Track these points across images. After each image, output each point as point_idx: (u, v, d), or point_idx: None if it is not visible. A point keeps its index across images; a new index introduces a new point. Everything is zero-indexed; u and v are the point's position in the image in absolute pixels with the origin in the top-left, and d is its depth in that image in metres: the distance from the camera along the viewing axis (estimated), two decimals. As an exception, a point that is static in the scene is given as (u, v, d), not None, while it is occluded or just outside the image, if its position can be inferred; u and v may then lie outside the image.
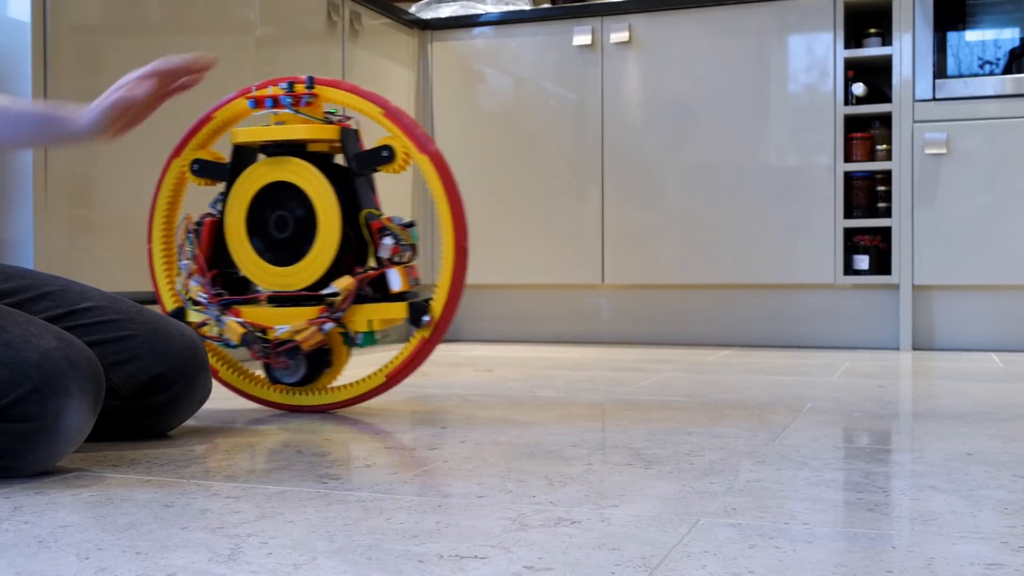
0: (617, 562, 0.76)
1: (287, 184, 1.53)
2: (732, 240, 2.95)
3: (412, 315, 1.51)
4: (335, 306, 1.50)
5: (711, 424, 1.46)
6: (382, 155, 1.53)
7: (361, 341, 1.53)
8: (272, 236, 1.54)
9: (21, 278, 1.32)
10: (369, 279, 1.51)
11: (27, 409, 1.05)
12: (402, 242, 1.51)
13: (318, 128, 1.53)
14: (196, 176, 1.61)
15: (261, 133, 1.55)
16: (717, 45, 2.96)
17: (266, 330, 1.51)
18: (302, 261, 1.52)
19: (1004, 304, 2.80)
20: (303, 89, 1.54)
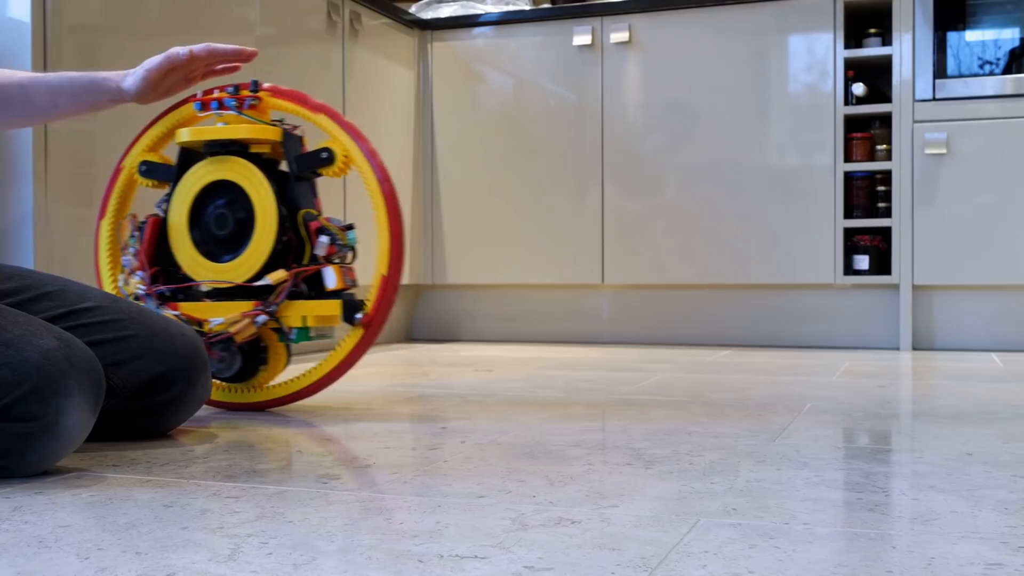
0: (617, 562, 0.76)
1: (228, 183, 1.57)
2: (732, 240, 2.95)
3: (346, 313, 1.54)
4: (269, 300, 1.53)
5: (711, 424, 1.46)
6: (321, 157, 1.56)
7: (295, 337, 1.55)
8: (212, 233, 1.58)
9: (21, 278, 1.32)
10: (305, 275, 1.54)
11: (27, 409, 1.05)
12: (339, 242, 1.55)
13: (259, 129, 1.56)
14: (144, 177, 1.64)
15: (204, 133, 1.58)
16: (717, 45, 2.96)
17: (202, 323, 1.54)
18: (239, 257, 1.55)
19: (1004, 304, 2.80)
20: (248, 93, 1.57)
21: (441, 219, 3.23)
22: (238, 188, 1.56)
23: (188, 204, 1.58)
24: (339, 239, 1.55)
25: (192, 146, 1.61)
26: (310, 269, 1.54)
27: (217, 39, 2.31)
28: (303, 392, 1.60)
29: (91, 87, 1.49)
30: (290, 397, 1.61)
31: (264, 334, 1.57)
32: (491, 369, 2.30)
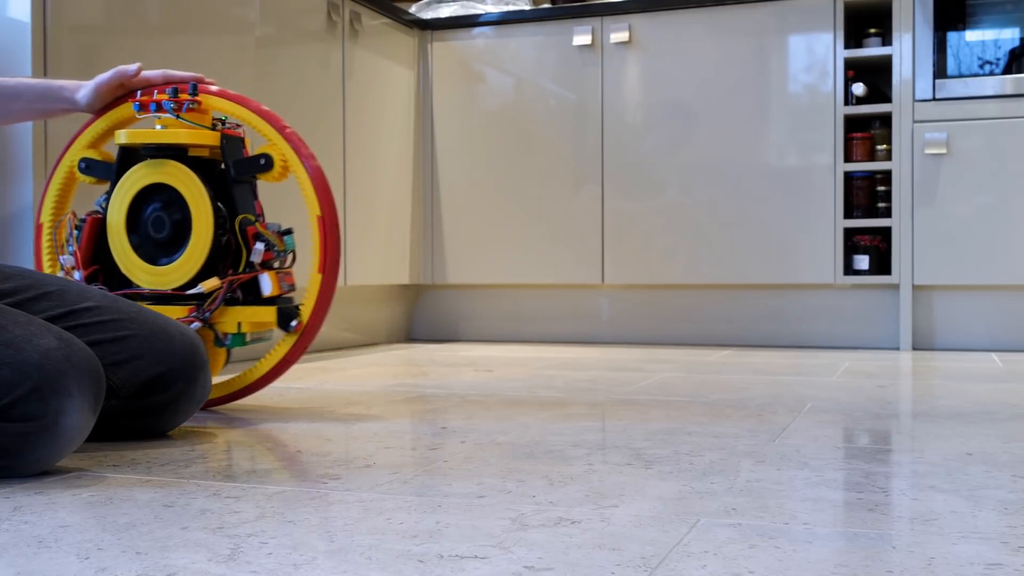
0: (617, 562, 0.76)
1: (165, 186, 1.57)
2: (732, 240, 2.95)
3: (280, 319, 1.55)
4: (203, 307, 1.53)
5: (711, 424, 1.46)
6: (260, 163, 1.57)
7: (230, 342, 1.56)
8: (149, 235, 1.58)
9: (21, 278, 1.32)
10: (241, 282, 1.54)
11: (28, 409, 1.05)
12: (275, 248, 1.55)
13: (197, 133, 1.56)
14: (83, 174, 1.64)
15: (142, 135, 1.58)
16: (717, 45, 2.96)
17: None
18: (175, 261, 1.56)
19: (1004, 304, 2.80)
20: (186, 96, 1.57)
21: (441, 219, 3.23)
22: (175, 191, 1.56)
23: (126, 205, 1.58)
24: (275, 246, 1.55)
25: (132, 147, 1.61)
26: (245, 277, 1.55)
27: (217, 39, 2.31)
28: (238, 393, 1.62)
29: (46, 94, 1.54)
30: (225, 398, 1.63)
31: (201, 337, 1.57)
32: (491, 369, 2.30)
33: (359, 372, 2.24)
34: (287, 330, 1.55)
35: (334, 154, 2.73)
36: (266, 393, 1.85)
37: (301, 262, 1.63)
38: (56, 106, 1.56)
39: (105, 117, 1.63)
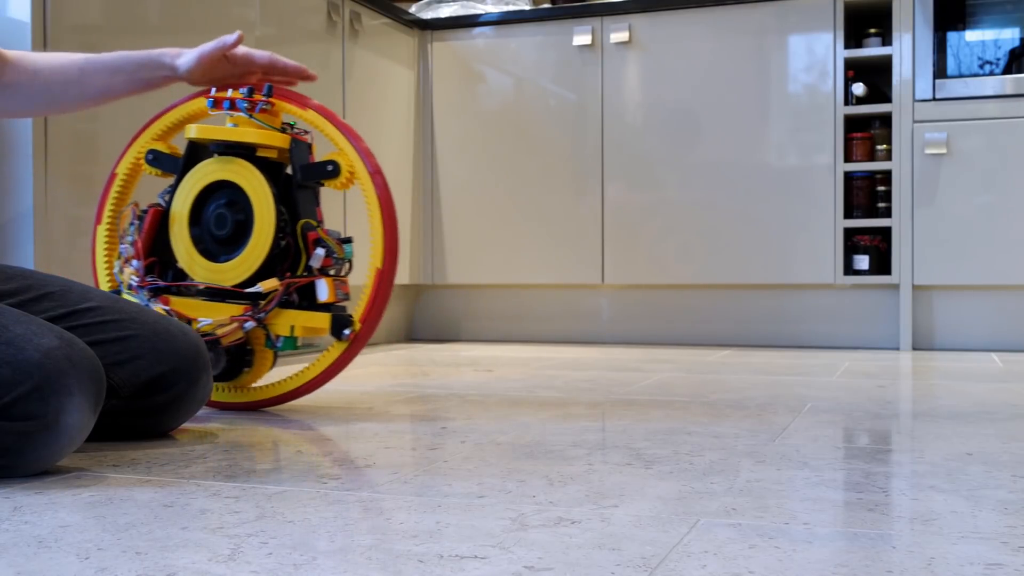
0: (617, 562, 0.76)
1: (231, 183, 1.57)
2: (732, 240, 2.95)
3: (334, 327, 1.54)
4: (260, 307, 1.53)
5: (711, 424, 1.46)
6: (327, 169, 1.56)
7: (281, 345, 1.56)
8: (211, 231, 1.58)
9: (22, 279, 1.32)
10: (297, 286, 1.54)
11: (28, 408, 1.05)
12: (335, 255, 1.55)
13: (268, 134, 1.56)
14: (150, 166, 1.64)
15: (213, 131, 1.58)
16: (717, 45, 2.96)
17: (190, 321, 1.54)
18: (234, 259, 1.55)
19: (1004, 304, 2.80)
20: (261, 97, 1.57)
21: (441, 219, 3.23)
22: (241, 190, 1.56)
23: (191, 199, 1.58)
24: (335, 252, 1.55)
25: (201, 142, 1.60)
26: (303, 280, 1.54)
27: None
28: (286, 396, 1.61)
29: (146, 64, 1.51)
30: (272, 400, 1.62)
31: (251, 337, 1.57)
32: (491, 369, 2.30)
33: (359, 372, 2.24)
34: (340, 338, 1.54)
35: (334, 154, 2.73)
36: (266, 393, 1.85)
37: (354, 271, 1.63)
38: (157, 74, 1.52)
39: (176, 111, 1.63)
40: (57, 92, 1.48)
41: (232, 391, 1.62)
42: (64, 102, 1.51)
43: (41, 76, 1.46)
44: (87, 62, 1.48)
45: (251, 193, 1.55)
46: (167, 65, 1.52)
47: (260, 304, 1.53)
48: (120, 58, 1.50)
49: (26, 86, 1.45)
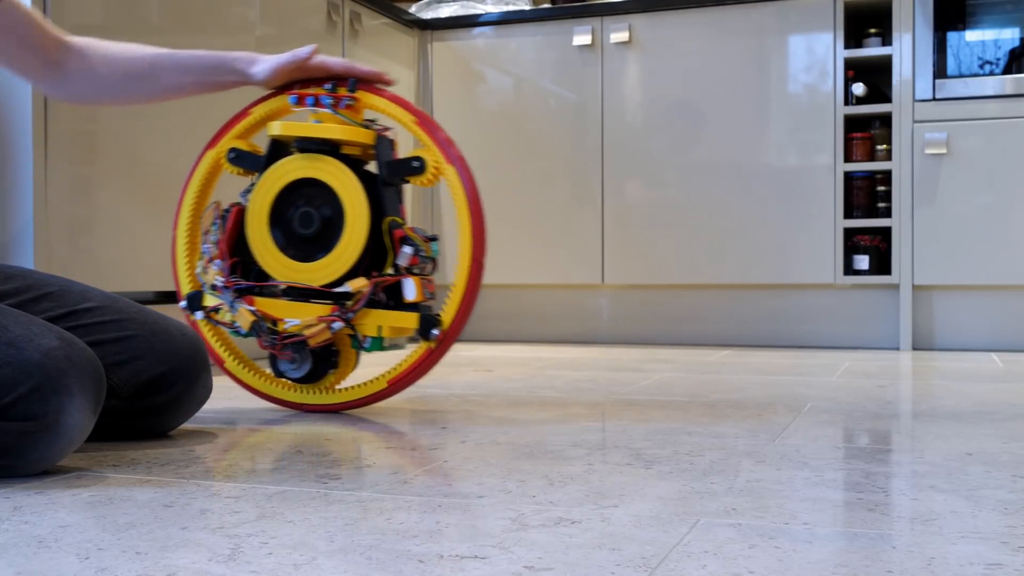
0: (617, 562, 0.76)
1: (316, 181, 1.53)
2: (732, 240, 2.95)
3: (422, 327, 1.50)
4: (347, 307, 1.49)
5: (711, 424, 1.46)
6: (412, 165, 1.53)
7: (368, 345, 1.52)
8: (295, 231, 1.54)
9: (22, 279, 1.32)
10: (385, 285, 1.51)
11: (28, 408, 1.05)
12: (422, 253, 1.51)
13: (354, 131, 1.53)
14: (232, 164, 1.61)
15: (297, 128, 1.55)
16: (717, 45, 2.96)
17: (276, 321, 1.51)
18: (323, 259, 1.52)
19: (1004, 304, 2.80)
20: (345, 92, 1.54)
21: (441, 219, 3.23)
22: (326, 187, 1.53)
23: (272, 198, 1.55)
24: (423, 250, 1.51)
25: (283, 139, 1.57)
26: (391, 279, 1.50)
27: (217, 39, 2.31)
28: (370, 398, 1.58)
29: (220, 66, 1.51)
30: (360, 401, 1.58)
31: (337, 338, 1.53)
32: (491, 369, 2.30)
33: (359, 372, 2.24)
34: (428, 338, 1.51)
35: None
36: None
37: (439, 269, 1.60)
38: (228, 78, 1.52)
39: (258, 109, 1.60)
40: (123, 85, 1.47)
41: (317, 392, 1.59)
42: (131, 95, 1.51)
43: (108, 67, 1.45)
44: (158, 58, 1.47)
45: (340, 191, 1.52)
46: (240, 72, 1.51)
47: (348, 304, 1.49)
48: (192, 57, 1.49)
49: (91, 76, 1.44)
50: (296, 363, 1.56)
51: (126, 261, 2.06)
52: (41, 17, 1.40)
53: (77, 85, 1.45)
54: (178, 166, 2.21)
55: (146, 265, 2.12)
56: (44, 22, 1.40)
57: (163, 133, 2.16)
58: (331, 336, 1.50)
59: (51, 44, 1.41)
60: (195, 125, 2.25)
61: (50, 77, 1.43)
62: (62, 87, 1.45)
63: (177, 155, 2.21)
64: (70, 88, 1.46)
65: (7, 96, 1.85)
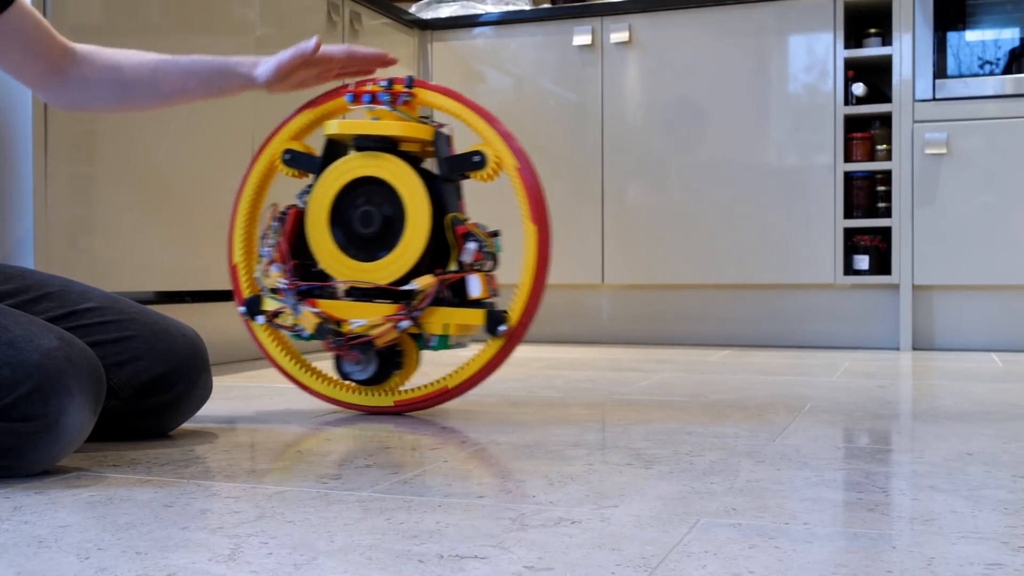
0: (617, 562, 0.76)
1: (376, 179, 1.51)
2: (732, 240, 2.95)
3: (489, 323, 1.48)
4: (413, 305, 1.47)
5: (711, 424, 1.46)
6: (473, 160, 1.51)
7: (435, 344, 1.50)
8: (355, 230, 1.52)
9: (22, 279, 1.32)
10: (450, 282, 1.49)
11: (28, 408, 1.05)
12: (485, 249, 1.49)
13: (413, 127, 1.51)
14: (287, 166, 1.59)
15: (355, 126, 1.53)
16: (717, 45, 2.96)
17: (341, 322, 1.49)
18: (385, 258, 1.50)
19: (1004, 304, 2.80)
20: (401, 88, 1.52)
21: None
22: (385, 185, 1.50)
23: (331, 198, 1.52)
24: (486, 246, 1.49)
25: (340, 139, 1.55)
26: (455, 276, 1.48)
27: (217, 39, 2.31)
28: (441, 396, 1.55)
29: (223, 72, 1.49)
30: (427, 401, 1.55)
31: (401, 338, 1.51)
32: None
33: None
34: (495, 335, 1.48)
35: (334, 154, 2.73)
36: (265, 393, 1.85)
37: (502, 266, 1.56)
38: (233, 83, 1.50)
39: (313, 109, 1.58)
40: (127, 90, 1.46)
41: (381, 394, 1.56)
42: (135, 101, 1.49)
43: (111, 73, 1.44)
44: (161, 63, 1.46)
45: (401, 188, 1.49)
46: (243, 75, 1.49)
47: (413, 302, 1.47)
48: (195, 63, 1.47)
49: (95, 82, 1.43)
50: (361, 365, 1.53)
51: (126, 261, 2.06)
52: (48, 24, 1.39)
53: (78, 93, 1.44)
54: (178, 166, 2.22)
55: (146, 265, 2.12)
56: (51, 29, 1.39)
57: (163, 133, 2.16)
58: (397, 336, 1.48)
59: (56, 51, 1.40)
60: (195, 125, 2.25)
61: (52, 84, 1.42)
62: (63, 94, 1.44)
63: (177, 155, 2.21)
64: (71, 96, 1.44)
65: (8, 97, 1.85)
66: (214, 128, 2.30)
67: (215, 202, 2.32)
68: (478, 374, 1.52)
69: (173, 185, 2.20)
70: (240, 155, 2.39)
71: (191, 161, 2.25)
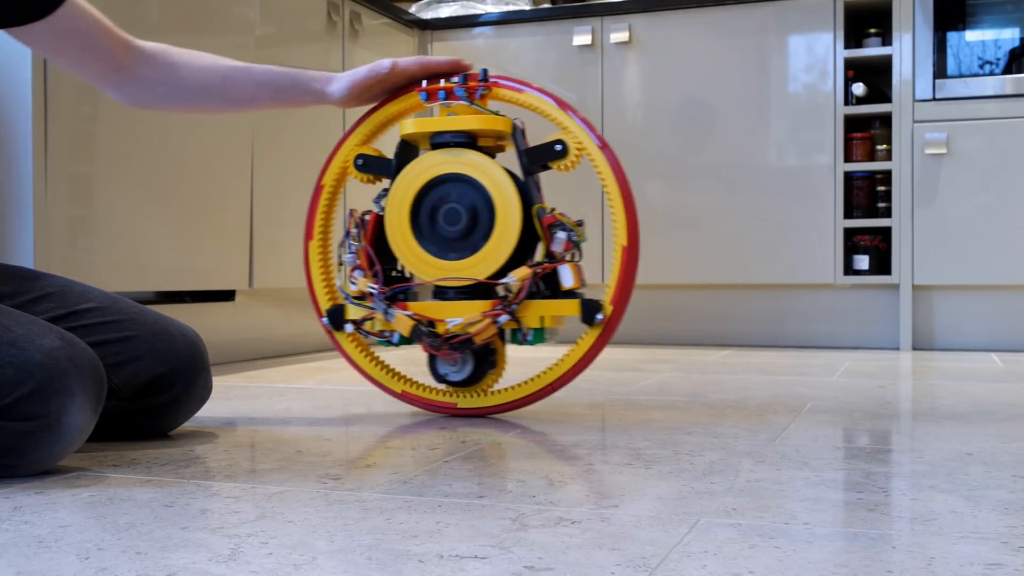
0: (617, 562, 0.76)
1: (454, 177, 1.48)
2: (732, 240, 2.95)
3: (585, 313, 1.46)
4: (510, 299, 1.44)
5: (711, 424, 1.46)
6: (555, 149, 1.48)
7: (531, 338, 1.46)
8: (440, 229, 1.49)
9: (22, 279, 1.32)
10: (543, 273, 1.46)
11: (30, 408, 1.05)
12: (574, 238, 1.47)
13: (492, 119, 1.48)
14: (360, 171, 1.54)
15: (433, 124, 1.49)
16: (717, 45, 2.96)
17: (435, 323, 1.45)
18: (477, 254, 1.47)
19: (1004, 304, 2.80)
20: (477, 83, 1.49)
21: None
22: (466, 181, 1.48)
23: (411, 199, 1.49)
24: (575, 235, 1.47)
25: (415, 139, 1.53)
26: (548, 267, 1.46)
27: (217, 39, 2.31)
28: (541, 392, 1.51)
29: (295, 86, 1.48)
30: (528, 399, 1.52)
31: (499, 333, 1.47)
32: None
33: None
34: (592, 324, 1.46)
35: (334, 154, 2.72)
36: (265, 393, 1.85)
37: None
38: (305, 98, 1.49)
39: (381, 111, 1.54)
40: (194, 95, 1.45)
41: (479, 395, 1.53)
42: (201, 105, 1.48)
43: (179, 76, 1.43)
44: (232, 71, 1.45)
45: (486, 182, 1.47)
46: (316, 91, 1.48)
47: (511, 297, 1.44)
48: (268, 73, 1.46)
49: (161, 83, 1.43)
50: (458, 365, 1.50)
51: (126, 261, 2.06)
52: (106, 20, 1.39)
53: (145, 92, 1.43)
54: (178, 166, 2.22)
55: (146, 265, 2.12)
56: (110, 25, 1.39)
57: (163, 133, 2.16)
58: (495, 332, 1.45)
59: (118, 48, 1.39)
60: (196, 124, 2.25)
61: (116, 82, 1.41)
62: (127, 93, 1.42)
63: (177, 155, 2.21)
64: (137, 95, 1.43)
65: (7, 96, 1.85)
66: (215, 128, 2.30)
67: (215, 202, 2.32)
68: (578, 365, 1.49)
69: (173, 185, 2.20)
70: (241, 155, 2.39)
71: (191, 161, 2.25)
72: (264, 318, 2.62)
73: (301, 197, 1.57)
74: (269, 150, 2.48)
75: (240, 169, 2.40)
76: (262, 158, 2.45)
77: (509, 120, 1.51)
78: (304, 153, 2.59)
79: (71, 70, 1.40)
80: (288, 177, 2.54)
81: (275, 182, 2.51)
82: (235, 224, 2.38)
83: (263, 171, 2.46)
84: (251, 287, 2.45)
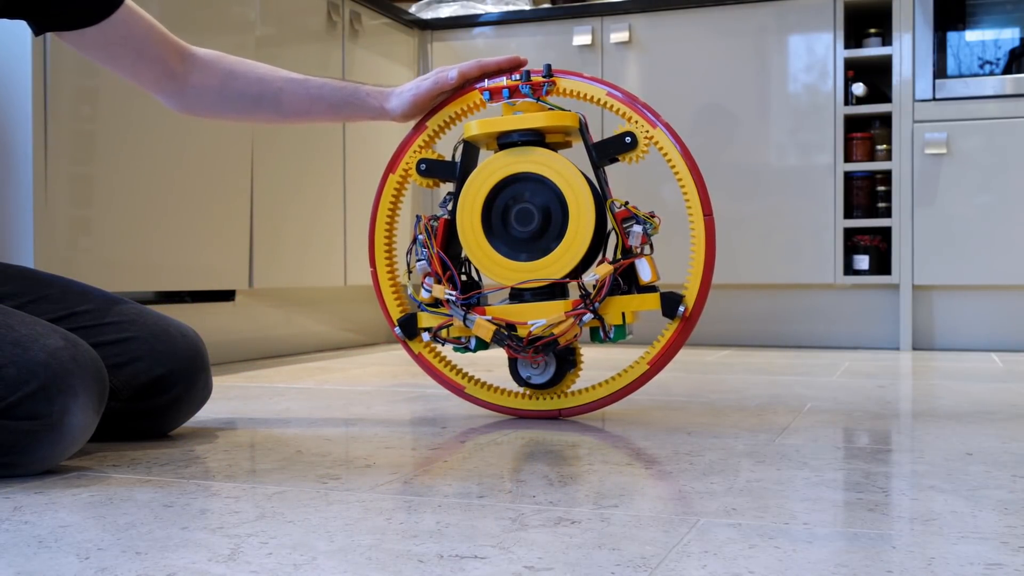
0: (617, 562, 0.76)
1: (522, 176, 1.45)
2: (732, 240, 2.95)
3: (666, 306, 1.44)
4: (592, 297, 1.42)
5: (711, 424, 1.46)
6: (625, 141, 1.45)
7: (613, 335, 1.45)
8: (513, 230, 1.46)
9: (21, 280, 1.32)
10: (622, 268, 1.44)
11: (33, 407, 1.05)
12: (649, 230, 1.46)
13: (559, 115, 1.45)
14: (423, 176, 1.51)
15: (500, 123, 1.45)
16: (717, 45, 2.96)
17: (515, 326, 1.42)
18: (552, 253, 1.44)
19: (1004, 304, 2.80)
20: (540, 78, 1.46)
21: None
22: (534, 180, 1.44)
23: (481, 201, 1.45)
24: (650, 227, 1.45)
25: (480, 140, 1.49)
26: (626, 262, 1.43)
27: (217, 39, 2.31)
28: (627, 389, 1.48)
29: (351, 101, 1.45)
30: (612, 397, 1.49)
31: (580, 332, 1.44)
32: (491, 369, 2.30)
33: (359, 372, 2.24)
34: (673, 317, 1.45)
35: (334, 154, 2.73)
36: (265, 393, 1.85)
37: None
38: (362, 114, 1.47)
39: (440, 114, 1.50)
40: (247, 105, 1.43)
41: (558, 397, 1.50)
42: (254, 115, 1.47)
43: (233, 85, 1.42)
44: (288, 83, 1.44)
45: (558, 180, 1.43)
46: (374, 108, 1.45)
47: (592, 294, 1.42)
48: (324, 87, 1.44)
49: (214, 91, 1.41)
50: (541, 368, 1.48)
51: (126, 261, 2.06)
52: (161, 27, 1.38)
53: (196, 100, 1.42)
54: (178, 166, 2.22)
55: (146, 265, 2.12)
56: (165, 32, 1.38)
57: (163, 134, 2.16)
58: (579, 331, 1.42)
59: (172, 55, 1.39)
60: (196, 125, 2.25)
61: (168, 89, 1.40)
62: (182, 100, 1.41)
63: (177, 155, 2.21)
64: (188, 102, 1.42)
65: (7, 96, 1.85)
66: (215, 128, 2.30)
67: (215, 202, 2.32)
68: (660, 360, 1.48)
69: (173, 185, 2.20)
70: (241, 155, 2.39)
71: (191, 161, 2.25)
72: (264, 318, 2.63)
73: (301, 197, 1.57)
74: (269, 150, 2.48)
75: (240, 169, 2.40)
76: (262, 158, 2.45)
77: (576, 115, 1.47)
78: (304, 153, 2.59)
79: (125, 77, 1.39)
80: (288, 177, 2.54)
81: (275, 182, 2.51)
82: (235, 224, 2.38)
83: (263, 171, 2.46)
84: (251, 287, 2.45)
